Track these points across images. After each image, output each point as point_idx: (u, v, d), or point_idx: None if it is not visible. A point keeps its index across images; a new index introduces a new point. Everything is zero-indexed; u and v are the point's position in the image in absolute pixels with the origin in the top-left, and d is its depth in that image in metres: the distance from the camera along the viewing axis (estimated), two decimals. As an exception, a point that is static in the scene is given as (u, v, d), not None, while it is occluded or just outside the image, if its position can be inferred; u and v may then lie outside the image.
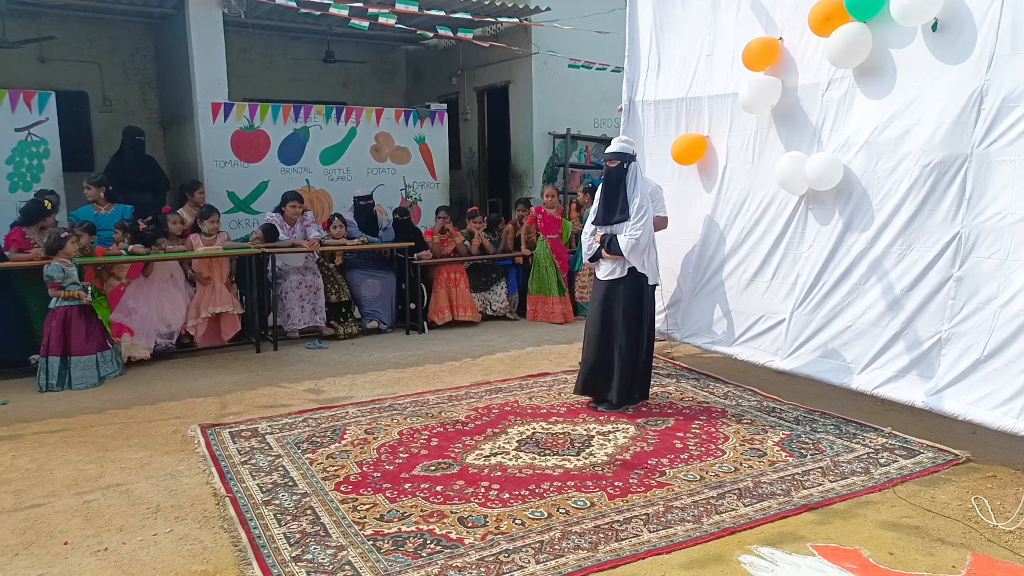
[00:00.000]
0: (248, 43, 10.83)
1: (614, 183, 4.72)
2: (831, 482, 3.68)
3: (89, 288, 5.65)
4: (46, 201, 6.00)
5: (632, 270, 4.71)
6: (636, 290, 4.73)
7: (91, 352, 5.52)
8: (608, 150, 4.82)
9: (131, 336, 6.08)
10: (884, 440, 4.22)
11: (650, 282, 4.79)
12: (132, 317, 6.10)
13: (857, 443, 4.19)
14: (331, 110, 9.03)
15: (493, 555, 2.99)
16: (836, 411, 4.68)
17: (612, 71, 9.19)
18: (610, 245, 4.70)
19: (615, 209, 4.70)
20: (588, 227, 4.91)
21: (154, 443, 4.34)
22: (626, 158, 4.71)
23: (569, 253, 8.16)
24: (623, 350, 4.72)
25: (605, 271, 4.81)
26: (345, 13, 7.32)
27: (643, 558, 2.98)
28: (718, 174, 5.35)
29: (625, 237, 4.61)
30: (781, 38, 4.87)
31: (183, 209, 7.06)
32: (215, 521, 3.34)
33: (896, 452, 4.05)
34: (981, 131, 3.82)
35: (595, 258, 4.85)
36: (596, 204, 4.89)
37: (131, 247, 6.09)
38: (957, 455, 3.97)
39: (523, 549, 3.04)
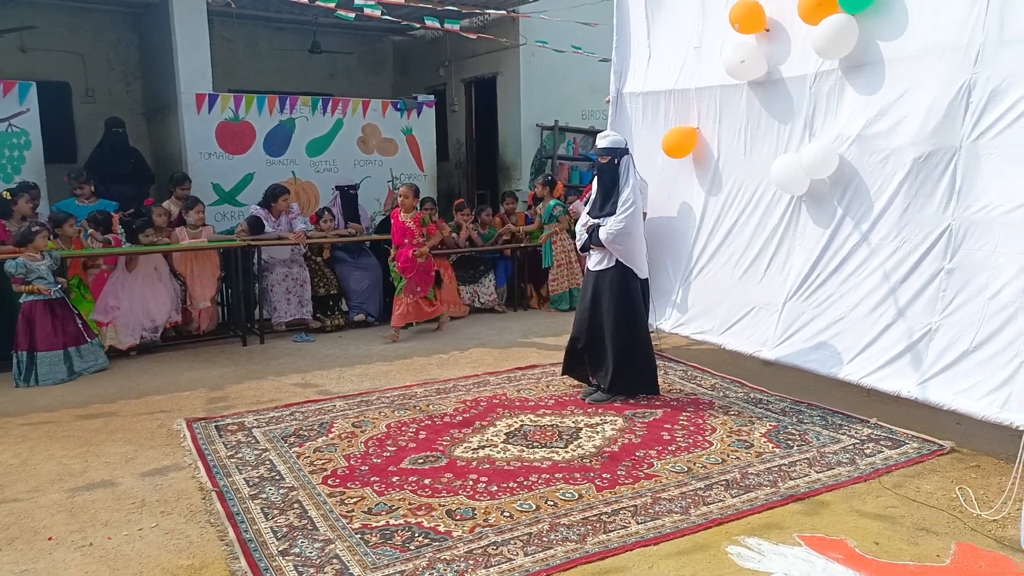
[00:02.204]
0: (233, 33, 10.72)
1: (609, 178, 4.74)
2: (817, 473, 3.70)
3: (56, 282, 5.53)
4: (4, 193, 5.95)
5: (620, 260, 4.72)
6: (623, 280, 4.73)
7: (58, 347, 5.45)
8: (600, 145, 4.82)
9: (114, 328, 6.03)
10: (870, 431, 4.24)
11: (639, 275, 4.78)
12: (113, 314, 6.05)
13: (843, 434, 4.21)
14: (317, 101, 8.96)
15: (481, 547, 2.99)
16: (822, 402, 4.71)
17: (600, 61, 9.17)
18: (594, 236, 4.73)
19: (607, 202, 4.72)
20: (583, 218, 4.94)
21: (139, 437, 4.30)
22: (617, 152, 4.73)
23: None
24: (613, 339, 4.72)
25: (594, 261, 4.84)
26: (332, 5, 7.26)
27: (631, 550, 2.99)
28: (709, 166, 5.35)
29: (605, 230, 4.64)
30: (767, 30, 4.87)
31: (168, 201, 6.99)
32: (201, 515, 3.32)
33: (881, 443, 4.07)
34: (970, 124, 3.84)
35: (585, 248, 4.88)
36: (592, 195, 4.94)
37: (91, 232, 6.10)
38: (942, 445, 4.00)
39: (511, 541, 3.04)
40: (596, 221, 4.75)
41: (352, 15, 7.54)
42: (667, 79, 5.61)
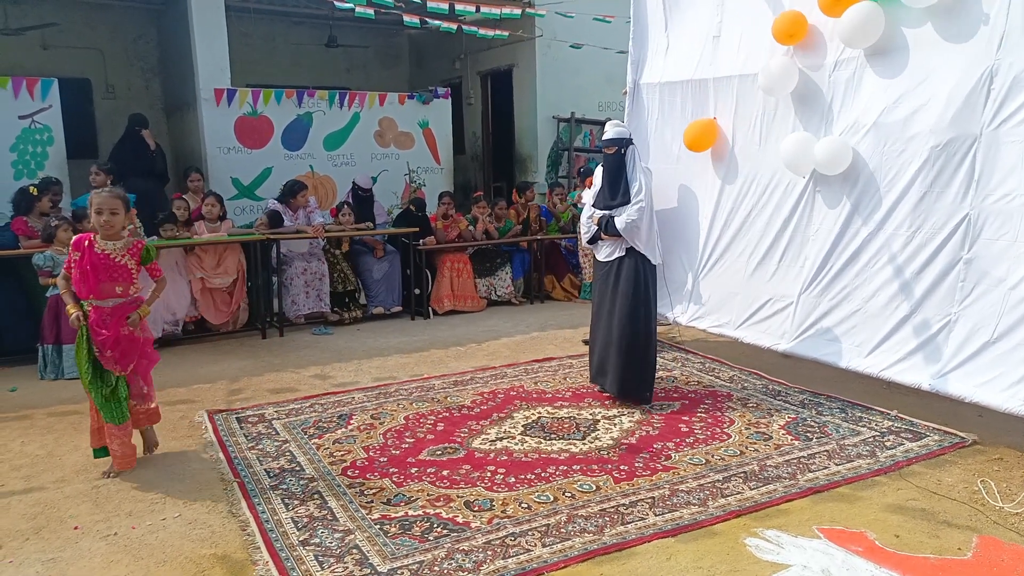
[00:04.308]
0: (250, 28, 10.80)
1: (615, 168, 4.72)
2: (837, 465, 3.68)
3: None
4: (31, 188, 6.04)
5: (630, 250, 4.69)
6: (635, 270, 4.69)
7: None
8: (605, 136, 4.80)
9: None
10: (890, 423, 4.21)
11: (652, 262, 4.74)
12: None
13: (863, 426, 4.18)
14: (334, 95, 9.00)
15: (499, 538, 3.01)
16: (842, 394, 4.68)
17: (617, 53, 9.12)
18: (607, 227, 4.70)
19: (617, 193, 4.69)
20: (587, 210, 4.91)
21: (162, 429, 4.34)
22: (623, 143, 4.71)
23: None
24: (623, 332, 4.65)
25: (605, 253, 4.81)
26: (350, 4, 7.31)
27: (648, 541, 2.99)
28: (724, 157, 5.31)
29: (623, 219, 4.61)
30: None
31: (188, 195, 7.06)
32: (223, 506, 3.36)
33: (902, 435, 4.04)
34: (991, 112, 3.78)
35: (593, 240, 4.85)
36: (596, 187, 4.90)
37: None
38: (963, 438, 3.96)
39: (529, 532, 3.05)
40: (607, 212, 4.72)
41: (372, 12, 7.57)
42: (685, 69, 5.57)
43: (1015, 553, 2.88)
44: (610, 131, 4.80)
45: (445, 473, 3.64)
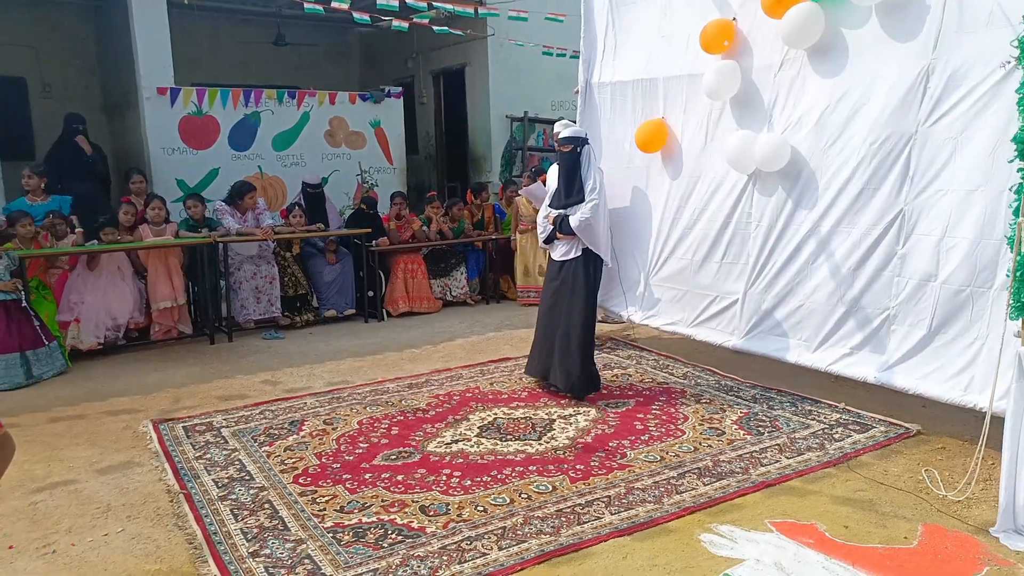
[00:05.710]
0: (194, 26, 10.52)
1: (570, 167, 4.73)
2: (787, 459, 3.74)
3: (19, 284, 5.40)
4: None
5: (586, 251, 4.72)
6: (587, 269, 4.73)
7: (12, 350, 5.28)
8: (562, 135, 4.81)
9: (77, 324, 5.89)
10: (838, 416, 4.30)
11: (607, 261, 4.78)
12: (77, 310, 5.91)
13: (812, 419, 4.26)
14: (283, 94, 8.83)
15: (455, 543, 2.97)
16: (792, 388, 4.76)
17: (571, 56, 9.15)
18: (562, 226, 4.71)
19: (572, 191, 4.72)
20: (543, 210, 4.91)
21: (104, 440, 4.21)
22: (579, 142, 4.74)
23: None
24: (579, 332, 4.67)
25: (560, 252, 4.83)
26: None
27: (605, 540, 2.99)
28: (673, 156, 5.36)
29: (576, 217, 4.63)
30: (735, 19, 4.88)
31: (133, 198, 6.85)
32: (169, 519, 3.26)
33: (850, 427, 4.13)
34: (927, 109, 3.88)
35: (549, 240, 4.85)
36: (551, 186, 4.90)
37: (74, 233, 5.94)
38: (908, 428, 4.07)
39: (485, 536, 3.02)
40: (562, 211, 4.74)
41: (321, 8, 7.44)
42: (635, 69, 5.60)
43: (958, 540, 2.96)
44: (566, 130, 4.82)
45: (400, 478, 3.59)
